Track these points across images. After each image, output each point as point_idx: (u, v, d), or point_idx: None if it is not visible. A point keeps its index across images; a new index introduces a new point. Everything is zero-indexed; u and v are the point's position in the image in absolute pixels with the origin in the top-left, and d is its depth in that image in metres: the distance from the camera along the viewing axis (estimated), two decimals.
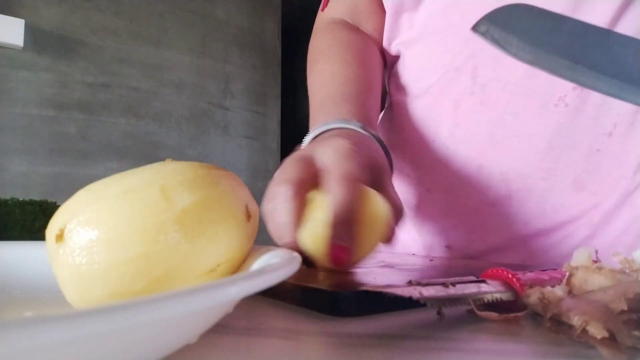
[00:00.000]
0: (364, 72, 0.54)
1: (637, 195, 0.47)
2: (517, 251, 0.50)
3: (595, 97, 0.46)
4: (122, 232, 0.20)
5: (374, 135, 0.44)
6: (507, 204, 0.50)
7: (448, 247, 0.54)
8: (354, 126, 0.43)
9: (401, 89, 0.58)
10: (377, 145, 0.43)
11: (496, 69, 0.49)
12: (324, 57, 0.56)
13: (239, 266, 0.24)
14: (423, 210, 0.56)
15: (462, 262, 0.46)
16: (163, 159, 0.24)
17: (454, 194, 0.53)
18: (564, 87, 0.47)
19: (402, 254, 0.55)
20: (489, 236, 0.51)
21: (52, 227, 0.22)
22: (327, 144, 0.37)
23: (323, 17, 0.62)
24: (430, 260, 0.47)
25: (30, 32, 1.59)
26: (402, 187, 0.58)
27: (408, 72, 0.57)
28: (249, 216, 0.24)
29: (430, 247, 0.56)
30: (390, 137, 0.60)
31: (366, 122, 0.45)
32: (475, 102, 0.50)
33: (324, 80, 0.53)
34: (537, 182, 0.48)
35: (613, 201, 0.47)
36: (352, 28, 0.60)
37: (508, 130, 0.49)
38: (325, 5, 0.62)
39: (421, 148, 0.55)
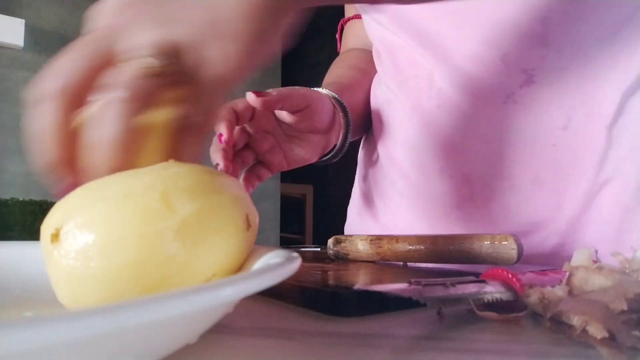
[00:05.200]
0: (354, 72, 0.63)
1: (600, 199, 0.46)
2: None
3: (545, 91, 0.46)
4: (119, 238, 0.20)
5: (336, 99, 0.53)
6: (473, 206, 0.50)
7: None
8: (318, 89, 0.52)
9: (376, 94, 0.62)
10: (322, 98, 0.49)
11: (448, 73, 0.50)
12: (332, 67, 0.66)
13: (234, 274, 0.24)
14: (399, 215, 0.57)
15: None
16: None
17: (422, 198, 0.54)
18: (510, 85, 0.47)
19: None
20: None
21: (48, 225, 0.21)
22: None
23: (340, 54, 0.72)
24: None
25: (30, 32, 1.59)
26: (384, 193, 0.60)
27: (377, 79, 0.61)
28: (248, 225, 0.24)
29: None
30: (374, 139, 0.62)
31: (332, 87, 0.54)
32: (432, 106, 0.51)
33: (326, 79, 0.62)
34: (498, 181, 0.48)
35: (577, 206, 0.46)
36: (358, 49, 0.68)
37: (464, 132, 0.50)
38: (339, 45, 0.73)
39: (394, 153, 0.57)
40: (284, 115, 0.46)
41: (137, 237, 0.20)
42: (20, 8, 1.59)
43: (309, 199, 2.96)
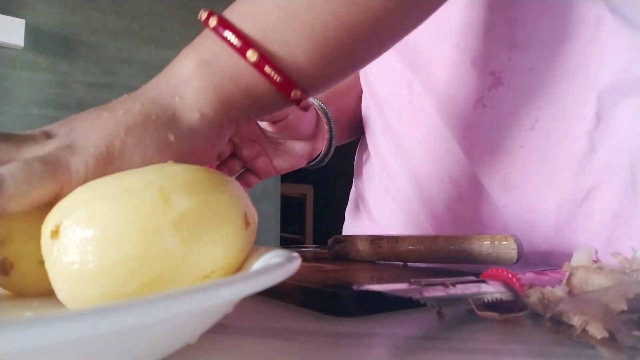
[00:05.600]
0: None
1: (590, 204, 0.45)
2: None
3: (513, 93, 0.46)
4: (118, 233, 0.20)
5: (319, 106, 0.54)
6: (462, 207, 0.50)
7: None
8: None
9: (366, 97, 0.63)
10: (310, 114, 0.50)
11: (425, 79, 0.51)
12: None
13: (233, 273, 0.24)
14: (392, 216, 0.58)
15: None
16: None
17: (413, 202, 0.54)
18: (479, 89, 0.47)
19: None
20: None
21: (48, 223, 0.21)
22: None
23: None
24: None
25: (31, 32, 1.59)
26: (376, 195, 0.61)
27: (367, 89, 0.62)
28: (247, 223, 0.24)
29: None
30: (368, 146, 0.63)
31: (325, 99, 0.54)
32: (414, 109, 0.52)
33: None
34: (479, 182, 0.49)
35: (563, 212, 0.46)
36: None
37: (443, 135, 0.50)
38: None
39: (383, 156, 0.58)
40: (264, 125, 0.47)
41: (135, 231, 0.20)
42: (20, 8, 1.59)
43: (309, 199, 2.95)
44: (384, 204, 0.59)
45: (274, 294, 0.31)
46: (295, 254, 0.21)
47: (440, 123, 0.50)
